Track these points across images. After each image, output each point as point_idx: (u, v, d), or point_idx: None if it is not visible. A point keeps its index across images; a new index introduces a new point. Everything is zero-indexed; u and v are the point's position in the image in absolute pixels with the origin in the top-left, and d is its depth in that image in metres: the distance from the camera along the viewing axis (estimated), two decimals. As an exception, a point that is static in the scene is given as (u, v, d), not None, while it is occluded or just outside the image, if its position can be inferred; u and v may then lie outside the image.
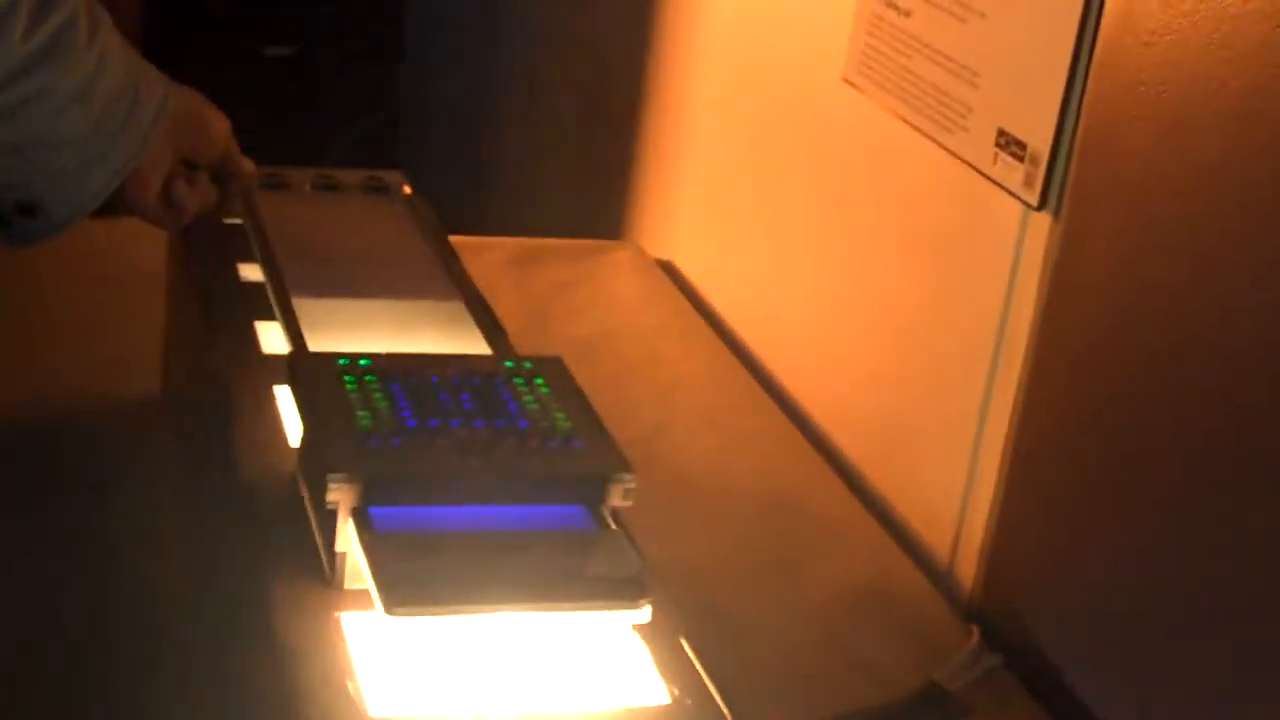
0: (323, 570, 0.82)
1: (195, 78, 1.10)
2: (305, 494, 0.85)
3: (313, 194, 1.27)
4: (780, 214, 1.50)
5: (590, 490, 0.84)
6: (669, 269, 1.68)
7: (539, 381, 0.90)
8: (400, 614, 0.75)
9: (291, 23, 2.76)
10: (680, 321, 1.56)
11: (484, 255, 1.61)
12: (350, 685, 0.74)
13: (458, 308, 1.11)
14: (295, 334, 1.01)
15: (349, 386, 0.87)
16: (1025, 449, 1.13)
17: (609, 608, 0.79)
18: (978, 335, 1.17)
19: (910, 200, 1.28)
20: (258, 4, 2.74)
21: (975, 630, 1.13)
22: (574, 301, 1.57)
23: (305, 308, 1.04)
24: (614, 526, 0.85)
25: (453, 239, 1.39)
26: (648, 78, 1.80)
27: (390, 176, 1.32)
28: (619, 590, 0.80)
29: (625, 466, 0.84)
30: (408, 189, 1.31)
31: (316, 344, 1.00)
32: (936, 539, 1.23)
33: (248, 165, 1.19)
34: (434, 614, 0.76)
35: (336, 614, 0.79)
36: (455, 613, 0.76)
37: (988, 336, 1.16)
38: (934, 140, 1.21)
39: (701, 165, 1.68)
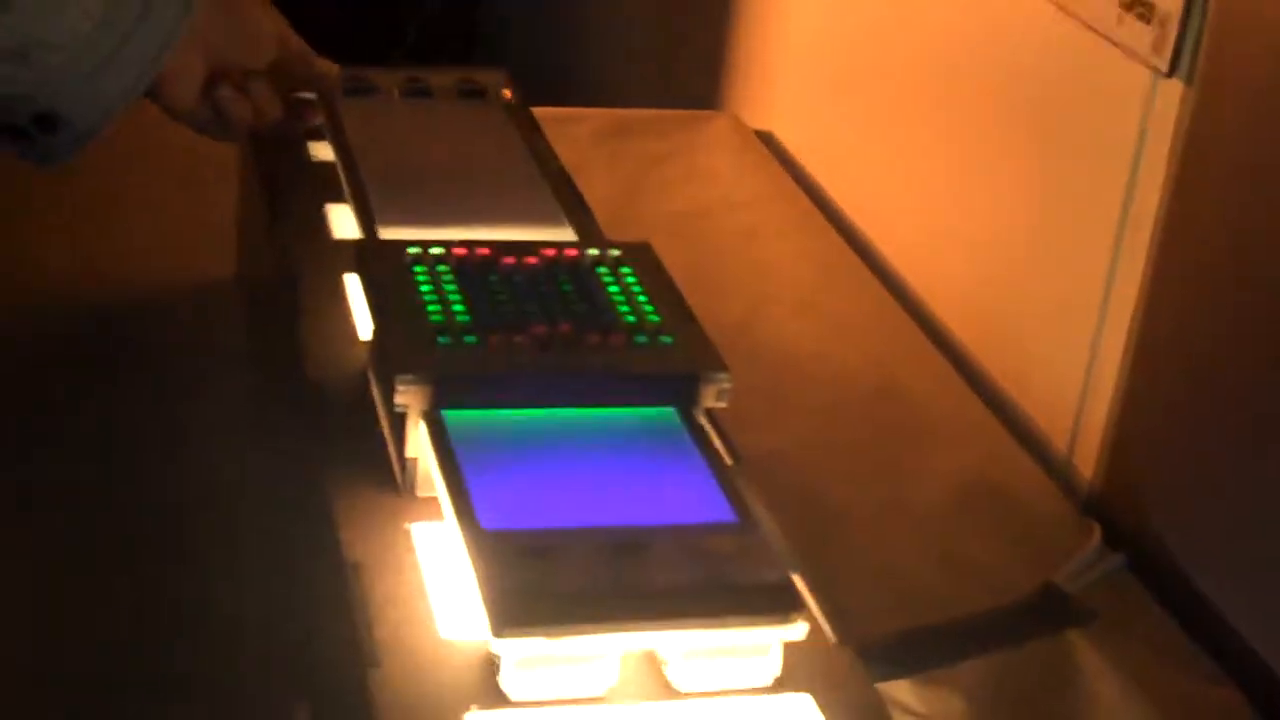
0: (393, 477, 0.76)
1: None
2: (375, 394, 0.80)
3: (402, 101, 1.15)
4: (888, 83, 1.42)
5: (681, 391, 0.77)
6: (769, 140, 1.60)
7: (626, 271, 0.83)
8: (511, 636, 0.64)
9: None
10: (780, 196, 1.48)
11: (572, 128, 1.54)
12: (421, 603, 0.69)
13: (543, 189, 1.04)
14: (367, 218, 0.94)
15: (420, 278, 0.81)
16: (1152, 334, 1.05)
17: (757, 624, 0.68)
18: (1101, 214, 1.09)
19: (1027, 69, 1.19)
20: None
21: (1095, 528, 1.05)
22: (667, 176, 1.49)
23: (379, 191, 0.98)
24: (710, 430, 0.78)
25: (538, 111, 1.32)
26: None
27: (487, 77, 1.20)
28: (768, 602, 0.69)
29: (720, 364, 0.77)
30: (508, 92, 1.19)
31: (389, 230, 0.93)
32: (1054, 429, 1.15)
33: (322, 68, 1.09)
34: (551, 636, 0.65)
35: (406, 525, 0.73)
36: (576, 634, 0.65)
37: (1111, 215, 1.08)
38: (1053, 2, 1.12)
39: (804, 30, 1.59)
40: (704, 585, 0.67)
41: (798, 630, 0.68)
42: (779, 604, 0.68)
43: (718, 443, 0.78)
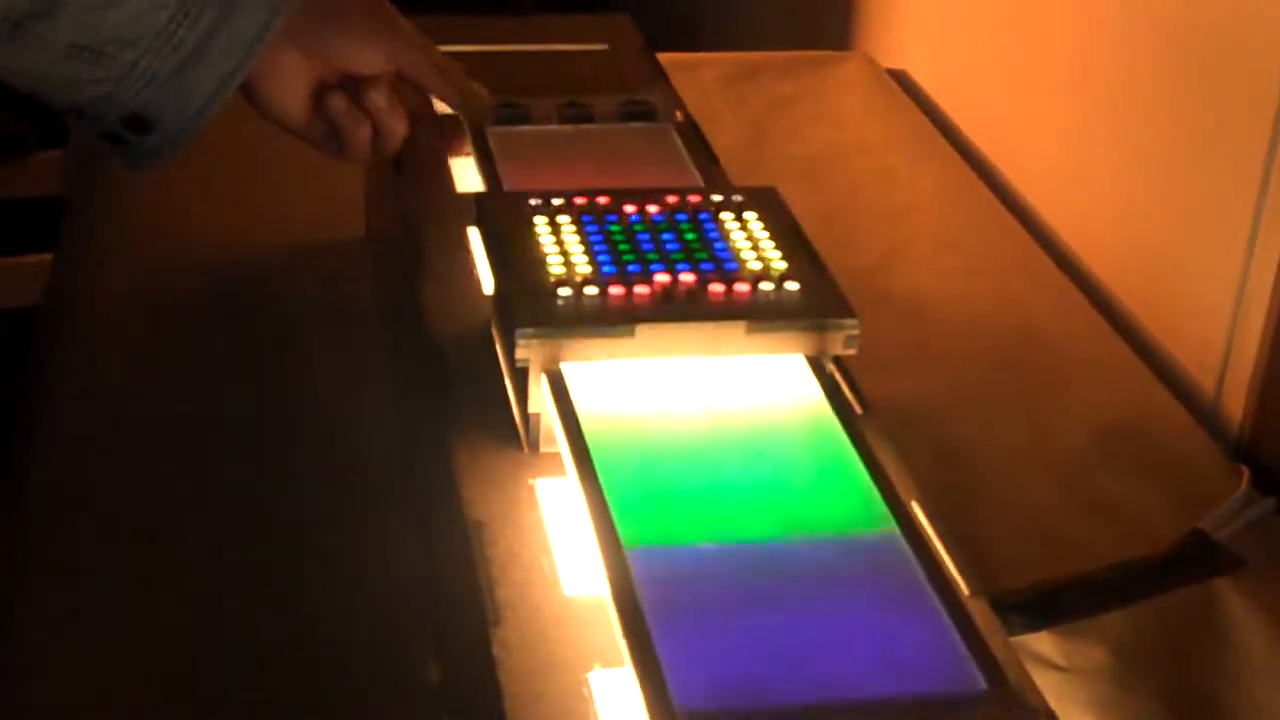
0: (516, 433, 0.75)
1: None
2: (499, 349, 0.79)
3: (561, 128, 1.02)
4: (1023, 16, 1.38)
5: (809, 338, 0.75)
6: (902, 79, 1.57)
7: (750, 216, 0.81)
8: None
9: None
10: (915, 136, 1.45)
11: (698, 72, 1.52)
12: (545, 561, 0.68)
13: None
14: (489, 170, 0.93)
15: (541, 230, 0.79)
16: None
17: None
18: (1247, 151, 1.05)
19: (1173, 12, 1.15)
20: None
21: (1245, 471, 1.02)
22: (797, 118, 1.47)
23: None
24: (843, 384, 0.76)
25: (664, 57, 1.30)
26: None
27: (660, 100, 1.06)
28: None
29: (848, 310, 0.75)
30: (680, 114, 1.06)
31: (513, 180, 0.92)
32: (1201, 370, 1.12)
33: (472, 89, 0.99)
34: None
35: (530, 481, 0.72)
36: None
37: (1259, 151, 1.04)
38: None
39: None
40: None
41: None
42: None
43: (846, 392, 0.76)
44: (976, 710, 0.59)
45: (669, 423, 0.73)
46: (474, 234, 0.90)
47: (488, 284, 0.84)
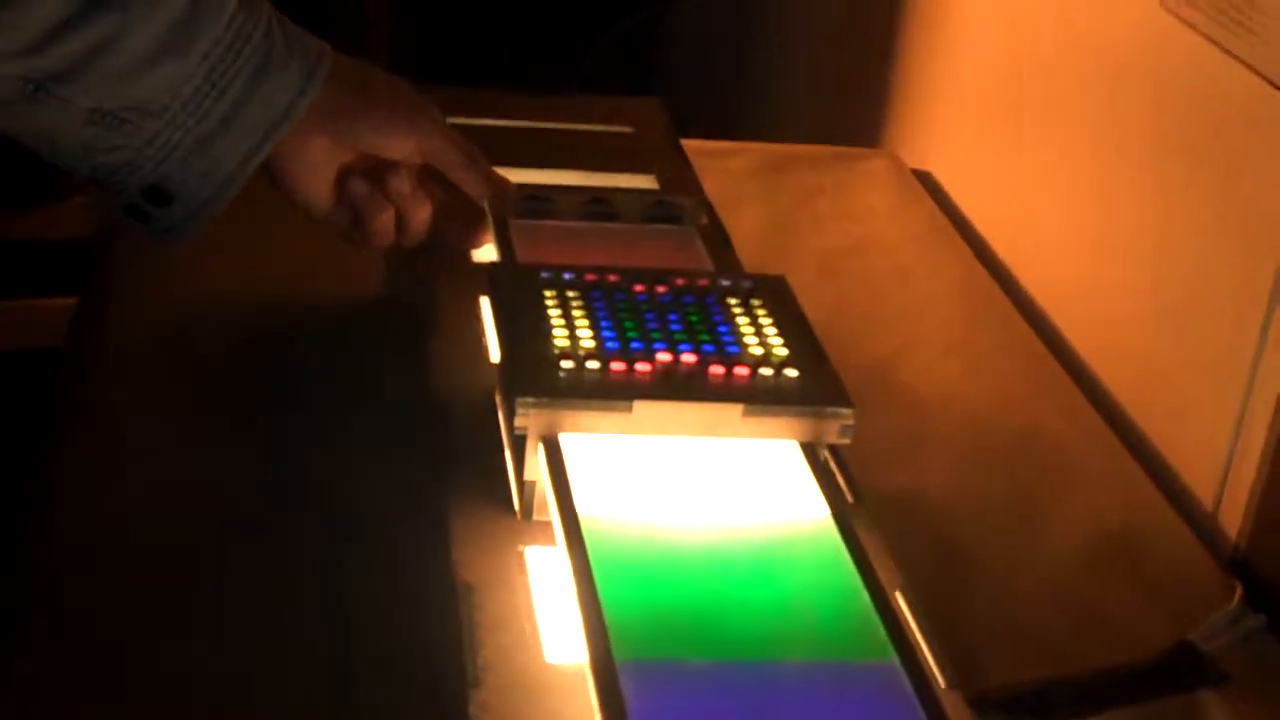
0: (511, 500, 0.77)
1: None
2: (500, 416, 0.80)
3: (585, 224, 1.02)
4: (1051, 126, 1.40)
5: (805, 425, 0.76)
6: (926, 180, 1.59)
7: (756, 302, 0.83)
8: None
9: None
10: (934, 235, 1.47)
11: (730, 161, 1.54)
12: (528, 627, 0.69)
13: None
14: (505, 245, 0.95)
15: (549, 302, 0.81)
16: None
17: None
18: (1257, 264, 1.06)
19: (1190, 116, 1.17)
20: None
21: (1238, 587, 1.02)
22: (821, 211, 1.49)
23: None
24: (837, 473, 0.77)
25: (697, 143, 1.32)
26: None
27: (687, 203, 1.08)
28: None
29: (845, 400, 0.77)
30: (705, 219, 1.08)
31: (527, 258, 0.94)
32: (1200, 483, 1.12)
33: (497, 181, 0.98)
34: None
35: (521, 548, 0.74)
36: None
37: (1269, 265, 1.05)
38: (1218, 44, 1.09)
39: (966, 69, 1.57)
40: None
41: None
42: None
43: (840, 480, 0.77)
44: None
45: (661, 503, 0.74)
46: (485, 304, 0.92)
47: (495, 354, 0.85)
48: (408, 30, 2.43)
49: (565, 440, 0.75)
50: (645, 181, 1.07)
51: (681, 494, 0.75)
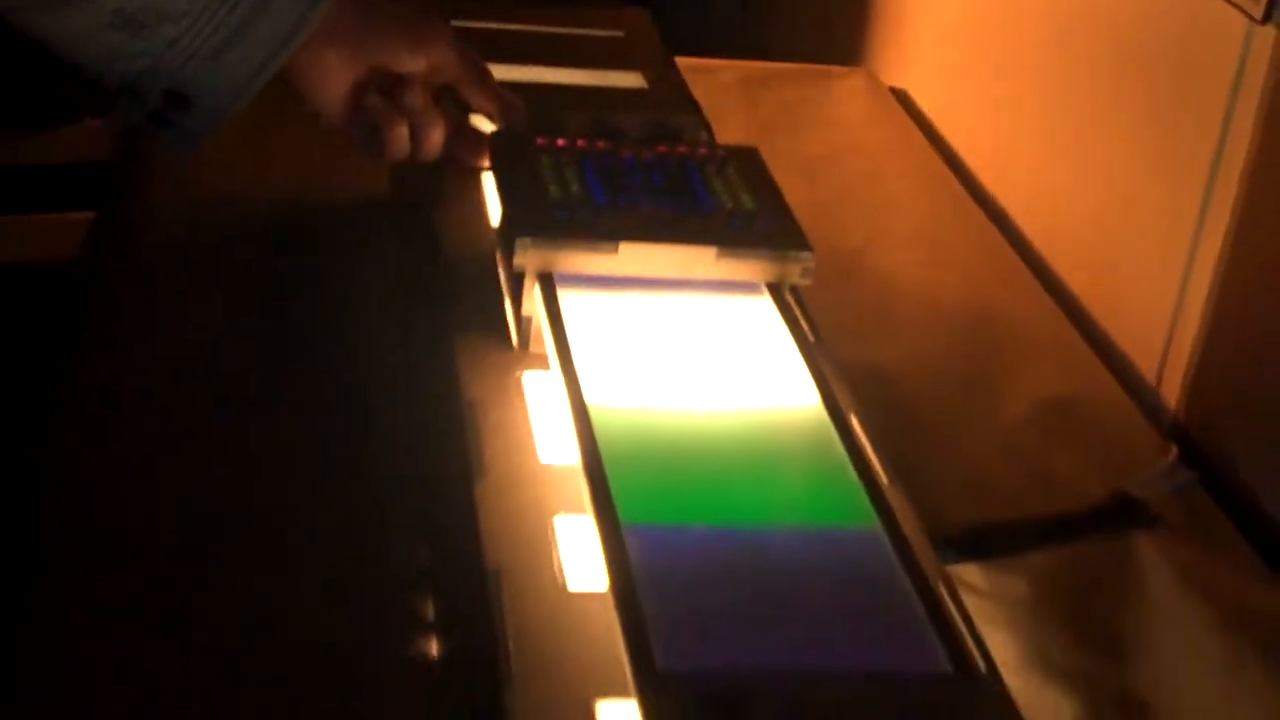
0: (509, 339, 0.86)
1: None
2: (500, 262, 0.89)
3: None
4: (1009, 39, 1.49)
5: (771, 266, 0.86)
6: (901, 96, 1.68)
7: (731, 168, 0.92)
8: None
9: None
10: (905, 144, 1.56)
11: (713, 76, 1.63)
12: (525, 434, 0.79)
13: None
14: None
15: (546, 163, 0.90)
16: (1238, 274, 1.11)
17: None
18: (1194, 157, 1.15)
19: (1135, 24, 1.26)
20: None
21: (1174, 447, 1.12)
22: (800, 122, 1.58)
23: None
24: (797, 310, 0.87)
25: (682, 61, 1.41)
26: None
27: (688, 122, 1.14)
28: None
29: (805, 244, 0.86)
30: (705, 137, 1.13)
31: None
32: (1144, 360, 1.22)
33: (507, 100, 1.03)
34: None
35: (519, 373, 0.83)
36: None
37: (1205, 157, 1.15)
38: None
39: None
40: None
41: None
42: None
43: (802, 321, 0.86)
44: (941, 689, 0.65)
45: (644, 332, 0.83)
46: (487, 178, 1.01)
47: (496, 218, 0.94)
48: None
49: (559, 279, 0.84)
50: (633, 80, 1.15)
51: (666, 342, 0.84)
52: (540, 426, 0.79)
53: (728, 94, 1.61)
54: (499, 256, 0.90)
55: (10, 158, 2.16)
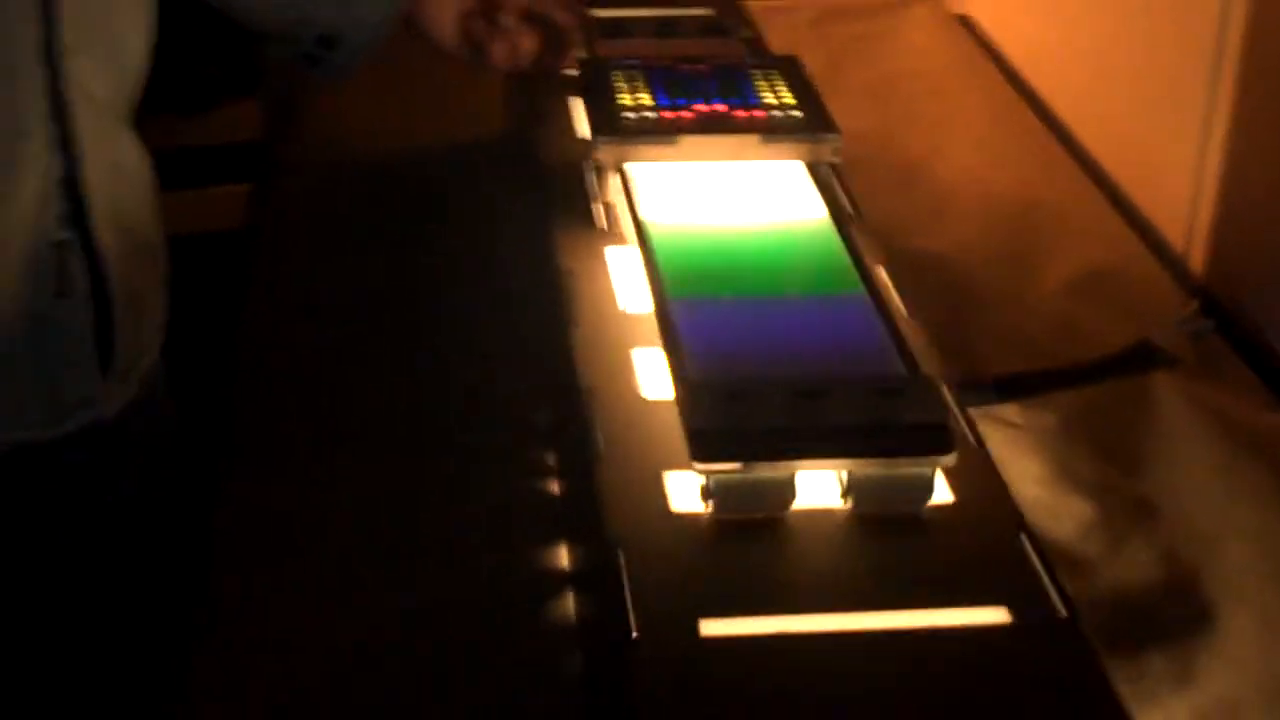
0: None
1: None
2: (585, 165, 1.07)
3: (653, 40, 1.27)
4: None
5: (806, 148, 1.03)
6: (966, 22, 1.83)
7: (774, 73, 1.10)
8: (706, 466, 0.77)
9: None
10: (967, 64, 1.72)
11: (789, 15, 1.79)
12: (611, 291, 0.97)
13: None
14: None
15: (618, 79, 1.08)
16: (1244, 145, 1.26)
17: (916, 460, 0.79)
18: (1201, 39, 1.30)
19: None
20: None
21: (1194, 301, 1.27)
22: (869, 49, 1.74)
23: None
24: (839, 187, 1.03)
25: (760, 2, 1.58)
26: None
27: (732, 21, 1.33)
28: (927, 440, 0.80)
29: (834, 127, 1.03)
30: (748, 32, 1.32)
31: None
32: (1174, 231, 1.37)
33: (572, 14, 1.20)
34: (738, 470, 0.77)
35: (603, 248, 1.01)
36: (761, 468, 0.77)
37: (1210, 38, 1.29)
38: None
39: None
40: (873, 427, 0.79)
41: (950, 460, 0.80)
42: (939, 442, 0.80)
43: (841, 196, 1.03)
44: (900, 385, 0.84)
45: (706, 212, 1.01)
46: (576, 101, 1.19)
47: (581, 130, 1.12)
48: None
49: (632, 169, 1.02)
50: (702, 11, 1.33)
51: (720, 206, 1.02)
52: (620, 286, 0.97)
53: (803, 29, 1.78)
54: (586, 153, 1.08)
55: (169, 140, 2.37)
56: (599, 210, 1.03)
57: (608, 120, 1.03)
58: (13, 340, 0.88)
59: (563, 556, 0.92)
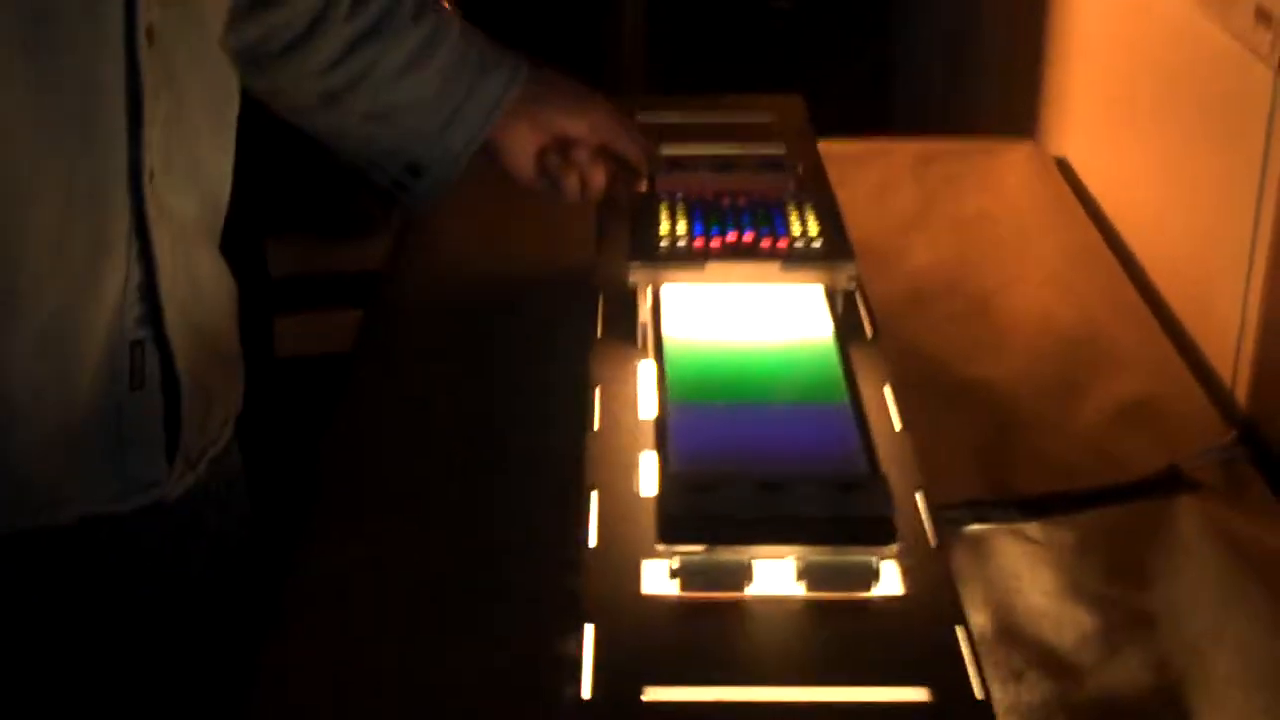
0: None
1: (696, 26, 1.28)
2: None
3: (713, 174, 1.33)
4: (1136, 107, 1.72)
5: (824, 274, 1.13)
6: (1063, 164, 1.91)
7: (808, 203, 1.20)
8: (670, 547, 0.88)
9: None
10: (1057, 205, 1.79)
11: (890, 156, 1.89)
12: (634, 399, 1.07)
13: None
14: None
15: (664, 210, 1.20)
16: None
17: (862, 549, 0.88)
18: (1244, 190, 1.37)
19: (1219, 105, 1.48)
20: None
21: (1232, 431, 1.33)
22: (961, 189, 1.82)
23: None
24: (852, 309, 1.13)
25: (861, 143, 1.68)
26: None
27: (790, 158, 1.38)
28: (872, 531, 0.88)
29: (849, 255, 1.13)
30: (800, 169, 1.37)
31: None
32: (1221, 365, 1.43)
33: (647, 147, 1.29)
34: (700, 552, 0.88)
35: (635, 362, 1.12)
36: (721, 551, 0.88)
37: (1251, 190, 1.36)
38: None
39: (1102, 63, 1.88)
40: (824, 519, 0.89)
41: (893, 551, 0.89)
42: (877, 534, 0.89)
43: (855, 317, 1.13)
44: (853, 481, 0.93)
45: (722, 329, 1.11)
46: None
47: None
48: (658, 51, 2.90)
49: (666, 291, 1.13)
50: (773, 149, 1.43)
51: (737, 324, 1.11)
52: (643, 397, 1.08)
53: (902, 169, 1.87)
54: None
55: (305, 266, 2.51)
56: (639, 327, 1.14)
57: (645, 246, 1.14)
58: (89, 424, 1.00)
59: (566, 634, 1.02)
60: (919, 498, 0.96)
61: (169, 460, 1.05)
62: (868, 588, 0.88)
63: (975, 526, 1.22)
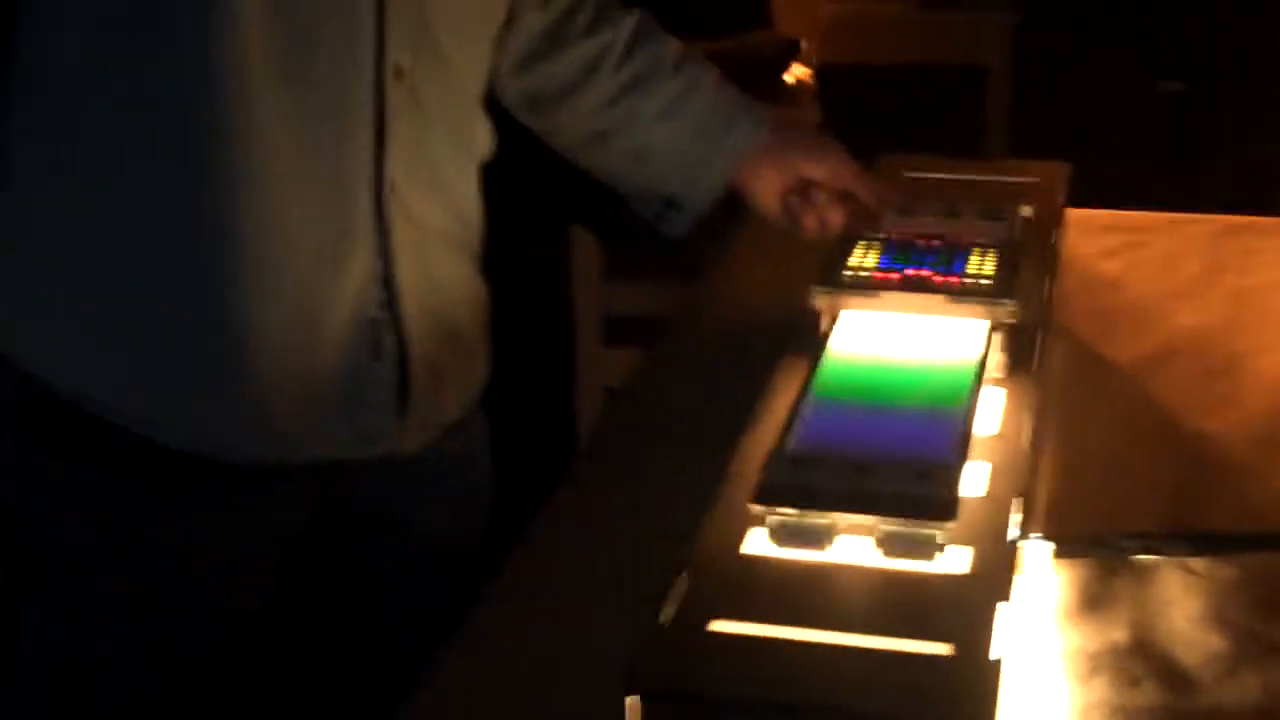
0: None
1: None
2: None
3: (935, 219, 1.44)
4: None
5: (985, 310, 1.25)
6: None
7: (990, 252, 1.32)
8: (761, 508, 1.02)
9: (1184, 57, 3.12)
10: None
11: (1196, 226, 1.95)
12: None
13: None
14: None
15: (862, 246, 1.34)
16: None
17: (922, 522, 1.00)
18: None
19: None
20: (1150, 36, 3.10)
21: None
22: (1252, 263, 1.84)
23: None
24: (1000, 353, 1.25)
25: (1165, 215, 1.76)
26: None
27: (1011, 209, 1.48)
28: (934, 507, 1.01)
29: (1012, 294, 1.24)
30: (1019, 220, 1.47)
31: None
32: None
33: (879, 190, 1.43)
34: (788, 516, 1.02)
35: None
36: (809, 515, 1.02)
37: None
38: None
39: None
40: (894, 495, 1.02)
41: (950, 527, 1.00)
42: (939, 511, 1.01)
43: (1005, 349, 1.24)
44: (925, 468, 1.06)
45: (880, 349, 1.24)
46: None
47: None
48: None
49: (846, 316, 1.28)
50: (1026, 211, 1.55)
51: (896, 347, 1.23)
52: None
53: (1201, 239, 1.93)
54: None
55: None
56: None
57: (831, 275, 1.30)
58: (334, 384, 1.22)
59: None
60: (1015, 501, 1.08)
61: (400, 418, 1.25)
62: (931, 558, 1.00)
63: (1144, 556, 1.30)
